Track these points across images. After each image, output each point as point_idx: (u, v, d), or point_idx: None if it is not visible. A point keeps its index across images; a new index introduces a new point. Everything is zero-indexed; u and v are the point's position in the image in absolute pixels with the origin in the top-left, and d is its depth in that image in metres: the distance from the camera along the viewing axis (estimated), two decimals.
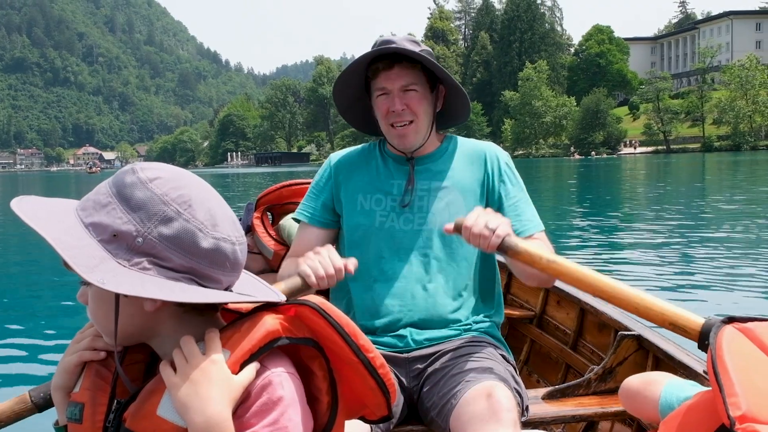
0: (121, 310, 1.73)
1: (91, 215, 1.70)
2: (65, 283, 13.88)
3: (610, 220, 22.90)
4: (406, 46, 3.14)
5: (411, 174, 3.32)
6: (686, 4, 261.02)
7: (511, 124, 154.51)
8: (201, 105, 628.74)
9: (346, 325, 1.76)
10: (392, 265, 3.27)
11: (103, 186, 1.75)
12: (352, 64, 3.26)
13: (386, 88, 3.20)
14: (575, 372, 4.59)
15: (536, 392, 3.63)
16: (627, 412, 3.56)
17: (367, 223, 3.32)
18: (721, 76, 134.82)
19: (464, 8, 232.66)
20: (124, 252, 1.66)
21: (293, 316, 1.79)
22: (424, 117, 3.26)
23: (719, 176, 50.68)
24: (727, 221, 20.63)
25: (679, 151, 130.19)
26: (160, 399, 1.69)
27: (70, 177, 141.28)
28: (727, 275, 12.27)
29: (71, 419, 1.84)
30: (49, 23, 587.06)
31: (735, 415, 1.61)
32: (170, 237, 1.68)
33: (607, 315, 4.26)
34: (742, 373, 1.71)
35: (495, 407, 2.69)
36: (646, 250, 15.63)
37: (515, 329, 5.39)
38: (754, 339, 1.85)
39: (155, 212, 1.68)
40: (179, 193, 1.71)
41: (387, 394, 1.81)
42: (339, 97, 3.49)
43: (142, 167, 1.75)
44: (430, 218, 3.27)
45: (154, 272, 1.67)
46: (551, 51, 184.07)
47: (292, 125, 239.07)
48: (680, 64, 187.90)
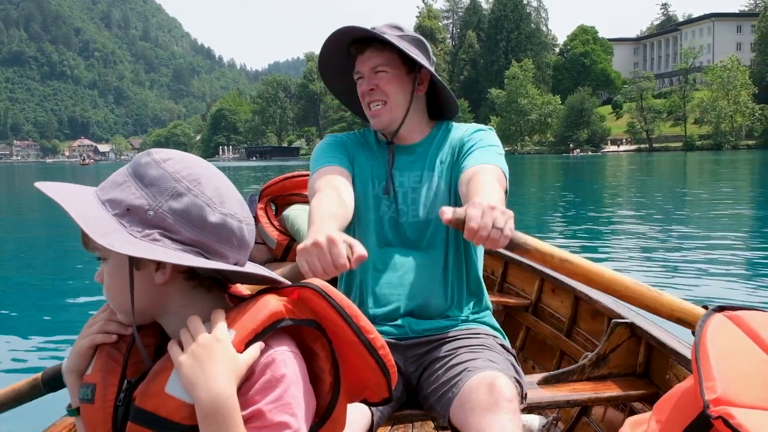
0: (134, 284, 1.77)
1: (108, 193, 1.75)
2: (80, 268, 13.97)
3: (595, 213, 22.97)
4: (386, 32, 3.11)
5: (390, 161, 3.28)
6: (668, 6, 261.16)
7: (497, 121, 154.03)
8: (194, 100, 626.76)
9: (348, 307, 1.77)
10: (391, 254, 3.23)
11: (121, 169, 1.81)
12: (322, 48, 3.25)
13: (360, 71, 3.18)
14: (569, 358, 4.64)
15: (532, 378, 3.65)
16: (620, 398, 3.62)
17: (371, 211, 3.26)
18: (703, 77, 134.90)
19: (452, 7, 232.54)
20: (137, 224, 1.71)
21: (296, 298, 1.80)
22: (398, 98, 3.18)
23: (700, 175, 50.75)
24: (708, 216, 20.75)
25: (662, 150, 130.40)
26: (168, 377, 1.71)
27: (65, 168, 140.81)
28: (706, 267, 12.42)
29: (83, 400, 1.86)
30: (46, 18, 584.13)
31: (709, 398, 1.63)
32: (180, 211, 1.72)
33: (601, 303, 4.30)
34: (723, 359, 1.73)
35: (496, 396, 2.66)
36: (629, 242, 15.73)
37: (511, 317, 5.44)
38: (742, 326, 1.86)
39: (166, 188, 1.73)
40: (189, 172, 1.77)
41: (387, 374, 1.82)
42: (331, 80, 3.47)
43: (157, 151, 1.82)
44: (422, 209, 3.22)
45: (164, 243, 1.72)
46: (537, 50, 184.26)
47: (283, 120, 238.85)
48: (662, 64, 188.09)
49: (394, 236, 3.25)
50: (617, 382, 3.63)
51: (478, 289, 3.37)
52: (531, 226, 18.65)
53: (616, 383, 3.63)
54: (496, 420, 2.61)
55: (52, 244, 19.50)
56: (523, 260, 5.41)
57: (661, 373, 3.57)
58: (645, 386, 3.60)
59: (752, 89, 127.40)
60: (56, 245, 19.13)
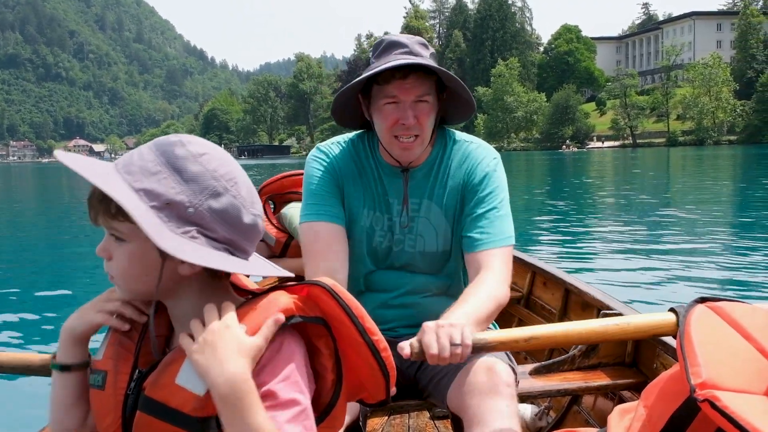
0: (152, 270, 1.76)
1: (141, 181, 1.70)
2: (79, 267, 13.98)
3: (579, 207, 23.04)
4: (421, 53, 2.91)
5: (405, 193, 3.11)
6: (648, 6, 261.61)
7: (483, 118, 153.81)
8: (187, 100, 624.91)
9: (355, 308, 1.78)
10: (386, 280, 3.19)
11: (146, 153, 1.76)
12: (370, 72, 2.88)
13: (398, 98, 2.87)
14: (560, 349, 4.66)
15: (524, 368, 3.68)
16: (610, 386, 3.64)
17: (366, 240, 3.16)
18: (686, 74, 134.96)
19: (438, 8, 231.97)
20: (175, 219, 1.69)
21: (305, 296, 1.80)
22: (429, 129, 2.96)
23: (683, 169, 50.88)
24: (689, 211, 20.81)
25: (645, 146, 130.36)
26: (179, 369, 1.71)
27: (60, 168, 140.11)
28: (687, 262, 12.51)
29: (94, 386, 1.86)
30: (41, 21, 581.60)
31: (696, 383, 1.66)
32: (219, 210, 1.72)
33: (590, 295, 4.34)
34: (707, 346, 1.76)
35: (495, 380, 2.66)
36: (613, 238, 15.79)
37: (504, 309, 5.47)
38: (723, 316, 1.89)
39: (206, 186, 1.72)
40: (226, 170, 1.77)
41: (387, 377, 1.82)
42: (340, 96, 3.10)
43: (188, 140, 1.78)
44: (420, 240, 3.12)
45: (201, 241, 1.72)
46: (522, 49, 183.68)
47: (274, 119, 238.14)
48: (644, 62, 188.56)
49: (388, 262, 3.19)
50: (606, 372, 3.67)
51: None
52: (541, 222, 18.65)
53: (606, 372, 3.66)
54: (494, 404, 2.60)
55: (50, 240, 19.60)
56: (515, 254, 5.43)
57: (648, 362, 3.61)
58: (633, 375, 3.63)
59: (733, 86, 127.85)
60: (54, 240, 19.23)
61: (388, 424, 4.62)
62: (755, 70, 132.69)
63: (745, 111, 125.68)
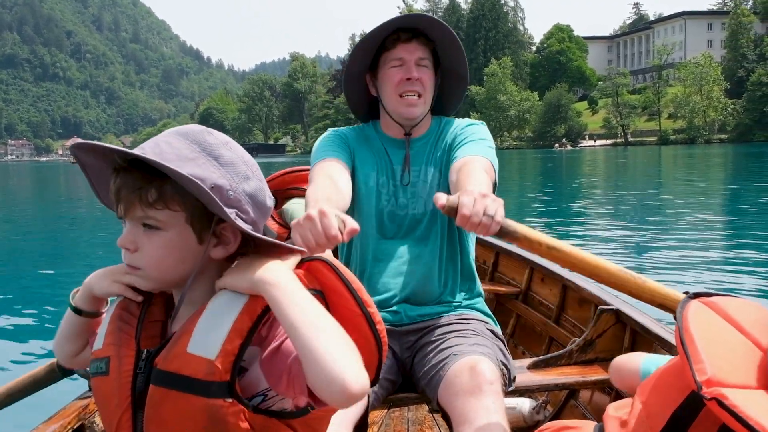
0: (188, 257, 1.81)
1: (182, 167, 1.70)
2: (79, 265, 13.96)
3: (570, 205, 23.06)
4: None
5: (407, 156, 3.31)
6: (640, 6, 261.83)
7: (477, 117, 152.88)
8: (183, 99, 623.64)
9: (353, 281, 1.82)
10: (389, 245, 3.29)
11: (175, 142, 1.78)
12: (377, 28, 3.16)
13: (404, 59, 3.15)
14: (558, 344, 4.69)
15: (522, 363, 3.71)
16: (606, 381, 3.65)
17: (375, 202, 3.31)
18: (677, 73, 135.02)
19: (432, 8, 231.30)
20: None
21: (305, 269, 1.85)
22: (429, 94, 3.24)
23: (674, 168, 50.94)
24: (680, 208, 20.86)
25: (637, 144, 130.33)
26: (189, 339, 1.71)
27: (59, 167, 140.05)
28: (680, 256, 12.57)
29: (97, 373, 1.86)
30: (38, 21, 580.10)
31: (701, 379, 1.64)
32: (250, 193, 1.79)
33: (588, 291, 4.35)
34: (707, 342, 1.75)
35: (479, 380, 2.71)
36: (609, 232, 15.81)
37: (502, 305, 5.48)
38: (718, 311, 1.88)
39: (239, 170, 1.78)
40: (248, 157, 1.85)
41: (380, 350, 1.82)
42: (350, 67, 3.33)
43: (210, 131, 1.82)
44: (422, 203, 3.27)
45: (241, 223, 1.76)
46: (514, 48, 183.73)
47: (269, 118, 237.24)
48: (635, 61, 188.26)
49: (392, 228, 3.30)
50: (603, 366, 3.67)
51: (471, 276, 3.43)
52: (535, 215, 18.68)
53: (603, 367, 3.67)
54: (479, 403, 2.65)
55: (49, 238, 19.45)
56: (514, 250, 5.47)
57: None
58: None
59: (724, 85, 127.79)
60: (53, 238, 19.09)
61: (387, 417, 4.63)
62: (746, 69, 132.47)
63: (736, 110, 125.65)
